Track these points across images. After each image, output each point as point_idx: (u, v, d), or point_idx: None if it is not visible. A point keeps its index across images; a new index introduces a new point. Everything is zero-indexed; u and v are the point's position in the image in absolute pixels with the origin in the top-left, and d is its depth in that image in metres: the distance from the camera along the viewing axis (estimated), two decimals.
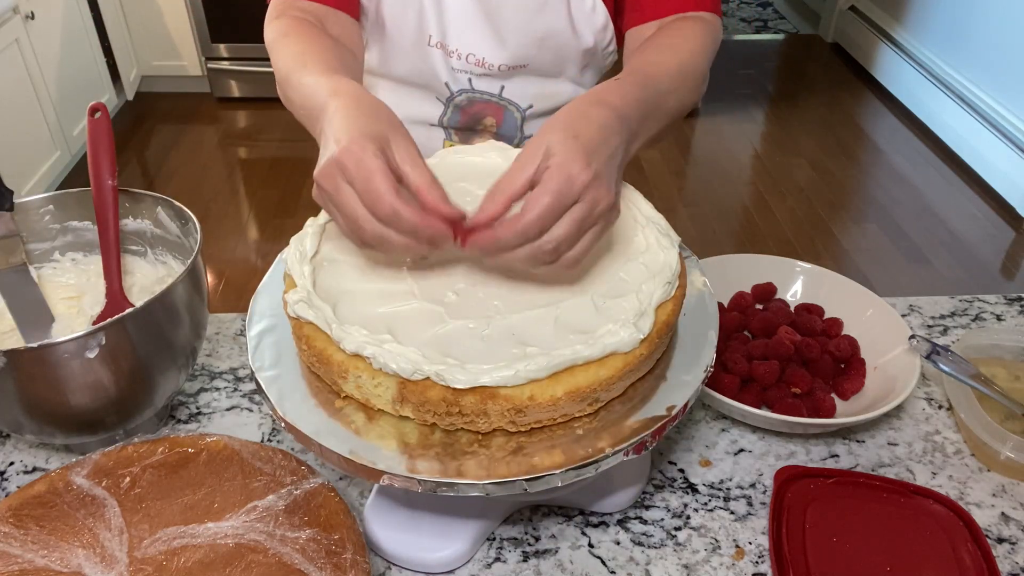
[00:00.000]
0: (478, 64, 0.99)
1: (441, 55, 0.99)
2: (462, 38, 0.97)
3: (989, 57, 3.35)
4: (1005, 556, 0.76)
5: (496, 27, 0.97)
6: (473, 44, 0.98)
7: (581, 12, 0.98)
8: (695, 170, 3.51)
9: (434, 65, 1.00)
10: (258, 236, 3.02)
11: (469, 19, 0.96)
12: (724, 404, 0.85)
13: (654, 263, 0.71)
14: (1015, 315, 1.07)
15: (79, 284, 0.93)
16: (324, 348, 0.65)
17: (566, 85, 1.05)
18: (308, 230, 0.74)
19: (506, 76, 1.01)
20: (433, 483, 0.60)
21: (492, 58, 0.98)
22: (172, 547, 0.68)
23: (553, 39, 0.99)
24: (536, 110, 1.05)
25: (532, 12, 0.96)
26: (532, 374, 0.61)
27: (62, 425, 0.79)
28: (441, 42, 0.98)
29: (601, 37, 1.01)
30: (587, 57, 1.03)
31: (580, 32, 0.99)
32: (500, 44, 0.98)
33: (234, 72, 3.78)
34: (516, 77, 1.02)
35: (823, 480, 0.79)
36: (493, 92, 1.02)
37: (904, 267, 2.86)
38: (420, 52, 0.99)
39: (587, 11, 0.98)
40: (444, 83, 1.01)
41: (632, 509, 0.80)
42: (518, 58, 0.99)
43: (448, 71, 1.00)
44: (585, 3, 0.98)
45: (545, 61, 1.01)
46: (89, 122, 0.88)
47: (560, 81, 1.05)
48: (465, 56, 0.98)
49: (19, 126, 2.79)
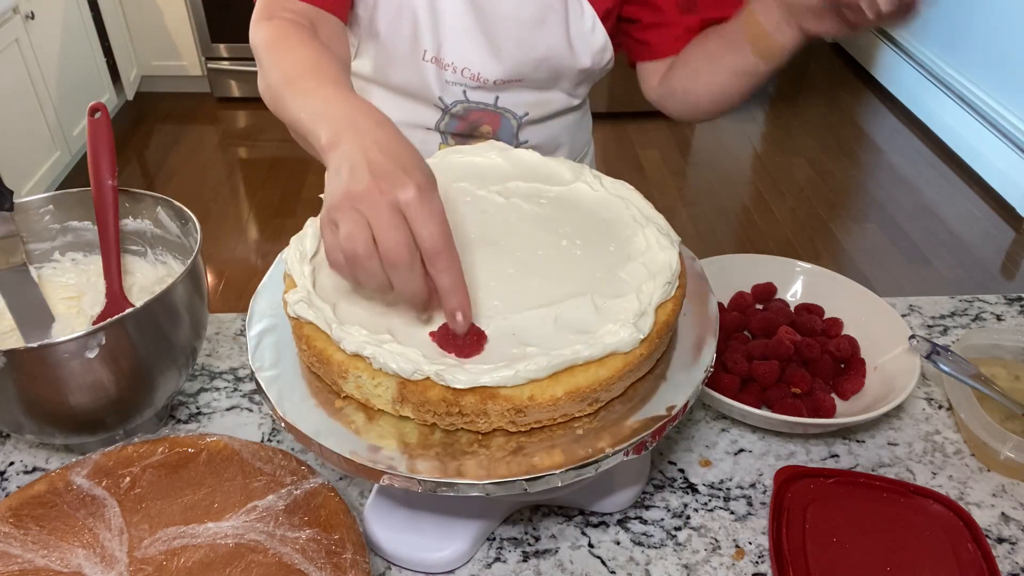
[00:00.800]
0: (473, 78, 0.98)
1: (435, 69, 0.98)
2: (458, 52, 0.97)
3: (989, 57, 3.35)
4: (1005, 556, 0.76)
5: (493, 43, 0.96)
6: (469, 59, 0.97)
7: (580, 32, 0.97)
8: (695, 170, 3.51)
9: (427, 79, 0.99)
10: (258, 236, 3.02)
11: (466, 34, 0.95)
12: (724, 404, 0.85)
13: (654, 263, 0.71)
14: (1015, 315, 1.07)
15: (79, 284, 0.93)
16: (324, 348, 0.65)
17: (559, 95, 1.05)
18: (308, 230, 0.74)
19: (500, 89, 1.01)
20: (433, 483, 0.60)
21: (487, 73, 0.98)
22: (172, 547, 0.68)
23: (550, 59, 0.98)
24: (531, 117, 1.05)
25: (530, 30, 0.96)
26: (532, 374, 0.60)
27: (62, 425, 0.79)
28: (436, 56, 0.97)
29: (599, 58, 1.00)
30: (583, 75, 1.03)
31: (578, 52, 0.98)
32: (496, 60, 0.97)
33: (234, 72, 3.79)
34: (510, 90, 1.01)
35: (823, 480, 0.79)
36: (488, 102, 1.02)
37: (904, 267, 2.86)
38: (414, 66, 0.98)
39: (586, 32, 0.97)
40: (438, 97, 1.00)
41: (632, 509, 0.80)
42: (513, 74, 0.99)
43: (441, 85, 0.99)
44: (585, 23, 0.97)
45: (540, 77, 1.01)
46: (89, 122, 0.88)
47: (554, 92, 1.05)
48: (460, 70, 0.98)
49: (19, 126, 2.79)
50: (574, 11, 0.96)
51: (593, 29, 0.97)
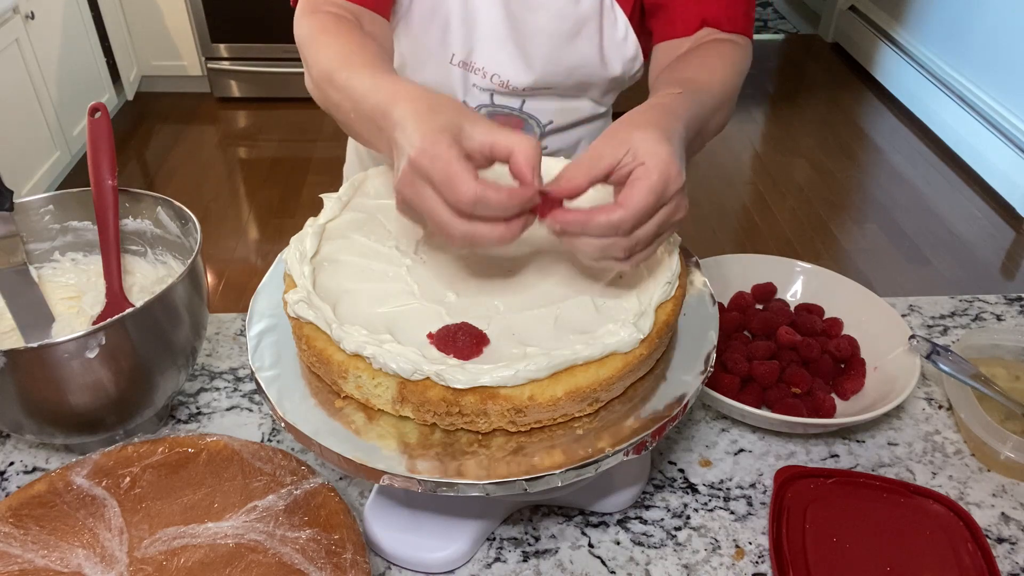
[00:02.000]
0: (502, 85, 0.98)
1: (461, 74, 0.98)
2: (489, 58, 0.96)
3: (989, 57, 3.35)
4: (1005, 556, 0.76)
5: (525, 52, 0.96)
6: (499, 65, 0.96)
7: (612, 42, 0.97)
8: (695, 170, 3.50)
9: (452, 83, 0.99)
10: (258, 236, 3.02)
11: (499, 40, 0.95)
12: (724, 404, 0.85)
13: (654, 263, 0.71)
14: (1015, 315, 1.07)
15: (79, 284, 0.93)
16: (324, 348, 0.65)
17: (586, 103, 1.05)
18: (308, 230, 0.74)
19: (528, 95, 1.01)
20: (433, 483, 0.60)
21: (517, 80, 0.97)
22: (172, 547, 0.68)
23: (582, 68, 0.98)
24: (555, 125, 1.05)
25: (564, 41, 0.95)
26: (532, 374, 0.61)
27: (62, 425, 0.79)
28: (464, 60, 0.97)
29: (629, 67, 1.00)
30: (613, 84, 1.03)
31: (609, 62, 0.98)
32: (528, 68, 0.96)
33: (234, 72, 3.78)
34: (538, 97, 1.01)
35: (823, 480, 0.79)
36: (514, 107, 1.02)
37: (904, 267, 2.86)
38: (441, 68, 0.98)
39: (619, 41, 0.97)
40: (461, 100, 1.00)
41: (632, 509, 0.80)
42: (543, 83, 0.98)
43: (466, 88, 0.99)
44: (617, 33, 0.96)
45: (570, 86, 1.00)
46: (89, 122, 0.88)
47: (581, 100, 1.04)
48: (490, 76, 0.97)
49: (19, 126, 2.79)
50: (608, 20, 0.95)
51: (626, 38, 0.97)
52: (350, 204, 0.79)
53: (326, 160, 3.42)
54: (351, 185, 0.81)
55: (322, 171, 3.34)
